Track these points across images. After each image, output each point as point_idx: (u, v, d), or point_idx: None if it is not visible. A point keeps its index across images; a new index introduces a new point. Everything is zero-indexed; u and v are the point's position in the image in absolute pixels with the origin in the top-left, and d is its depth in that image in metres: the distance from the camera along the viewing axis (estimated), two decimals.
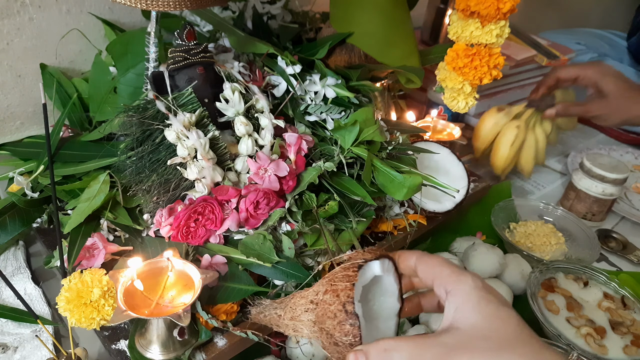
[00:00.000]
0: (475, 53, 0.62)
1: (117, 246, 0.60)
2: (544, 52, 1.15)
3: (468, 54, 0.62)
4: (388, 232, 0.70)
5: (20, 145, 0.78)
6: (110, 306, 0.44)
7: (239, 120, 0.63)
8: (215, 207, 0.58)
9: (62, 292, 0.43)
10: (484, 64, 0.62)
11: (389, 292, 0.44)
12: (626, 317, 0.67)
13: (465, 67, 0.63)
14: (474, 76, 0.63)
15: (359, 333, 0.38)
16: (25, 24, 0.75)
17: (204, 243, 0.58)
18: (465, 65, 0.63)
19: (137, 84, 0.73)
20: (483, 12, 0.59)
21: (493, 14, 0.59)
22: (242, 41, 0.75)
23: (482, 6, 0.58)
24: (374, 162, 0.64)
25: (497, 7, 0.58)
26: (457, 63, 0.63)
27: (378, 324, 0.44)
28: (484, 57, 0.62)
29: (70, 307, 0.43)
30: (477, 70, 0.62)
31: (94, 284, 0.43)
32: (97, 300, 0.43)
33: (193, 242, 0.57)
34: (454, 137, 0.92)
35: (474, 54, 0.62)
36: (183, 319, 0.47)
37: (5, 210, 0.65)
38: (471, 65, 0.62)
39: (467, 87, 0.66)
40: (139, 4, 0.55)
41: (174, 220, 0.57)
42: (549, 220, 0.89)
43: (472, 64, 0.62)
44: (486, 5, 0.58)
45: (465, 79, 0.64)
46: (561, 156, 1.20)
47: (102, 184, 0.63)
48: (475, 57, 0.62)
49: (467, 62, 0.62)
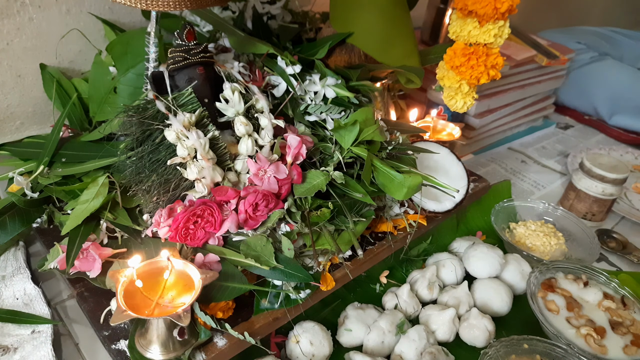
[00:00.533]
0: (473, 52, 0.62)
1: (110, 250, 0.60)
2: (544, 52, 1.15)
3: (465, 53, 0.62)
4: (388, 232, 0.70)
5: (20, 145, 0.78)
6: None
7: (238, 121, 0.63)
8: (214, 210, 0.58)
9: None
10: (480, 63, 0.62)
11: None
12: (626, 317, 0.67)
13: (462, 65, 0.63)
14: (471, 75, 0.63)
15: None
16: (25, 24, 0.75)
17: (202, 245, 0.58)
18: (462, 64, 0.63)
19: (137, 84, 0.73)
20: (480, 12, 0.59)
21: (491, 14, 0.59)
22: (242, 41, 0.75)
23: (479, 5, 0.58)
24: (374, 162, 0.64)
25: (494, 6, 0.58)
26: (454, 62, 0.63)
27: None
28: (481, 56, 0.62)
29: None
30: (473, 69, 0.62)
31: None
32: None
33: (192, 243, 0.57)
34: (453, 137, 0.92)
35: (471, 53, 0.62)
36: (183, 319, 0.47)
37: (5, 210, 0.65)
38: (468, 65, 0.62)
39: (465, 87, 0.66)
40: (139, 4, 0.55)
41: (173, 222, 0.57)
42: (549, 220, 0.89)
43: (468, 63, 0.62)
44: (483, 4, 0.58)
45: (463, 78, 0.64)
46: (561, 156, 1.20)
47: (100, 186, 0.64)
48: (472, 56, 0.62)
49: (464, 61, 0.62)
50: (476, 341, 0.65)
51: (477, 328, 0.65)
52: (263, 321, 0.57)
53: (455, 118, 1.04)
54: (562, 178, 1.11)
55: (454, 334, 0.66)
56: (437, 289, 0.72)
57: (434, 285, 0.72)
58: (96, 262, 0.58)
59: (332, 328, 0.65)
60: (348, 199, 0.64)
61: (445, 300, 0.70)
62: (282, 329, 0.62)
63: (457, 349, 0.65)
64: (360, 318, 0.65)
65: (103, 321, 0.56)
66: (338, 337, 0.65)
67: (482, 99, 1.06)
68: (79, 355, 0.62)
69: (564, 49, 1.22)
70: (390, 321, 0.64)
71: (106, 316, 0.56)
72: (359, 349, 0.64)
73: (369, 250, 0.68)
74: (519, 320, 0.71)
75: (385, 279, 0.75)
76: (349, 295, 0.72)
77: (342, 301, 0.70)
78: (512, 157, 1.18)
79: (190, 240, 0.57)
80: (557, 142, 1.27)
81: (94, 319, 0.57)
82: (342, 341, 0.64)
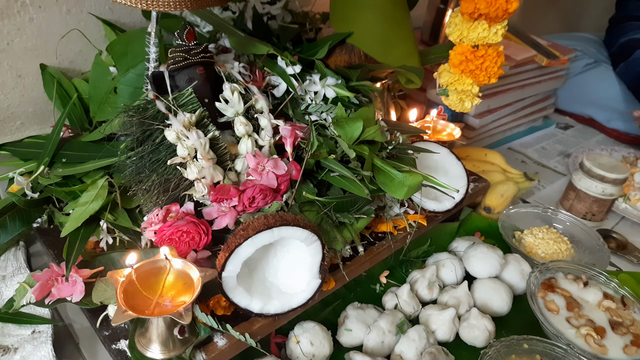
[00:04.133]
0: (484, 54, 0.63)
1: (88, 270, 0.59)
2: (543, 52, 1.16)
3: (478, 56, 0.63)
4: (388, 232, 0.70)
5: (20, 145, 0.78)
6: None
7: (238, 121, 0.63)
8: (201, 232, 0.58)
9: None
10: (493, 64, 0.63)
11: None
12: (626, 317, 0.67)
13: (477, 69, 0.64)
14: (485, 77, 0.64)
15: None
16: (26, 24, 0.75)
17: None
18: (477, 67, 0.64)
19: (137, 84, 0.73)
20: (492, 14, 0.60)
21: (501, 15, 0.60)
22: (242, 42, 0.75)
23: (492, 8, 0.59)
24: (375, 161, 0.64)
25: (505, 8, 0.59)
26: (468, 66, 0.64)
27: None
28: (494, 57, 0.63)
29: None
30: (487, 71, 0.63)
31: None
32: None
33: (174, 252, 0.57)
34: (453, 137, 0.92)
35: (484, 56, 0.63)
36: (184, 317, 0.47)
37: (6, 210, 0.65)
38: (482, 67, 0.63)
39: (476, 88, 0.67)
40: (140, 4, 0.55)
41: (159, 231, 0.57)
42: (553, 225, 0.88)
43: (483, 66, 0.63)
44: (495, 7, 0.59)
45: (475, 81, 0.65)
46: (561, 156, 1.20)
47: (100, 188, 0.64)
48: (487, 58, 0.63)
49: (479, 64, 0.63)
50: (476, 341, 0.65)
51: (477, 328, 0.65)
52: (263, 321, 0.57)
53: (455, 118, 1.04)
54: (562, 178, 1.11)
55: (454, 334, 0.66)
56: (437, 289, 0.72)
57: (434, 285, 0.72)
58: (77, 284, 0.56)
59: (332, 328, 0.65)
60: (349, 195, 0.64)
61: (445, 300, 0.70)
62: (282, 329, 0.62)
63: (457, 349, 0.65)
64: (360, 318, 0.65)
65: (100, 325, 0.56)
66: (338, 337, 0.65)
67: (482, 99, 1.05)
68: (80, 355, 0.62)
69: (564, 50, 1.22)
70: (390, 321, 0.64)
71: (105, 317, 0.56)
72: (359, 349, 0.64)
73: (369, 250, 0.68)
74: (519, 320, 0.71)
75: (385, 279, 0.75)
76: (349, 295, 0.72)
77: (342, 301, 0.70)
78: (512, 157, 1.18)
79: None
80: (557, 142, 1.27)
81: (94, 319, 0.57)
82: (342, 341, 0.65)
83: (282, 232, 0.52)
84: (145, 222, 0.60)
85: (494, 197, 0.91)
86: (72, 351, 0.62)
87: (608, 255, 0.80)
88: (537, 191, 1.05)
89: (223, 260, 0.51)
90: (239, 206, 0.58)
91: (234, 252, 0.51)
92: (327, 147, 0.64)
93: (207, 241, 0.58)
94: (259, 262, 0.59)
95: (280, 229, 0.52)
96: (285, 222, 0.52)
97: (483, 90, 1.06)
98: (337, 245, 0.62)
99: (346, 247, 0.65)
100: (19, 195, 0.65)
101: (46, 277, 0.57)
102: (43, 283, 0.57)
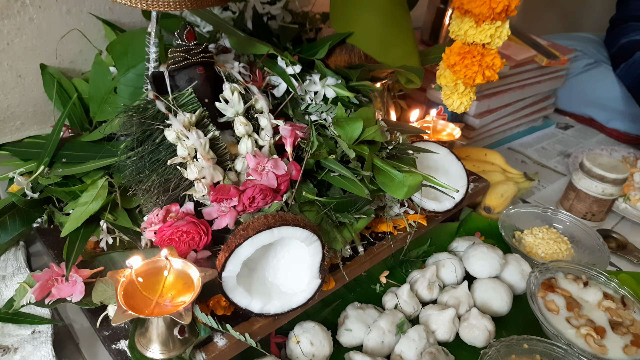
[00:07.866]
0: (467, 51, 0.62)
1: (88, 270, 0.58)
2: (543, 52, 1.16)
3: (460, 52, 0.62)
4: (388, 232, 0.70)
5: (20, 145, 0.78)
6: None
7: (238, 121, 0.63)
8: (202, 232, 0.58)
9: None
10: (474, 62, 0.61)
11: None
12: (626, 317, 0.67)
13: (456, 64, 0.62)
14: (465, 75, 0.62)
15: None
16: (26, 24, 0.75)
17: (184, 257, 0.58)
18: (456, 62, 0.62)
19: (137, 84, 0.73)
20: (475, 11, 0.59)
21: (486, 13, 0.58)
22: (242, 42, 0.75)
23: (474, 4, 0.58)
24: (375, 161, 0.64)
25: (489, 6, 0.58)
26: (449, 60, 0.63)
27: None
28: (475, 56, 0.61)
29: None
30: (467, 68, 0.62)
31: None
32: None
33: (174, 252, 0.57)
34: (453, 137, 0.92)
35: (466, 52, 0.62)
36: (185, 317, 0.47)
37: (6, 210, 0.65)
38: (462, 64, 0.62)
39: (461, 86, 0.66)
40: (140, 4, 0.55)
41: (159, 231, 0.57)
42: (553, 225, 0.88)
43: (463, 62, 0.62)
44: (478, 4, 0.58)
45: (458, 77, 0.64)
46: (561, 156, 1.20)
47: (100, 188, 0.64)
48: (467, 55, 0.61)
49: (458, 59, 0.62)
50: (476, 341, 0.65)
51: (477, 328, 0.65)
52: (263, 321, 0.57)
53: (455, 118, 1.04)
54: (562, 178, 1.11)
55: (454, 334, 0.66)
56: (437, 289, 0.72)
57: (434, 285, 0.72)
58: (77, 284, 0.56)
59: (332, 328, 0.65)
60: (349, 195, 0.64)
61: (445, 300, 0.70)
62: (282, 329, 0.62)
63: (457, 349, 0.65)
64: (360, 318, 0.65)
65: (100, 325, 0.56)
66: (338, 337, 0.65)
67: (482, 99, 1.06)
68: (80, 355, 0.62)
69: (564, 50, 1.22)
70: (390, 321, 0.64)
71: (105, 317, 0.56)
72: (359, 348, 0.64)
73: (369, 250, 0.68)
74: (519, 320, 0.71)
75: (385, 279, 0.75)
76: (349, 295, 0.72)
77: (342, 301, 0.70)
78: (512, 157, 1.18)
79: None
80: (557, 142, 1.27)
81: (94, 319, 0.57)
82: (342, 341, 0.65)
83: (282, 232, 0.52)
84: (145, 222, 0.60)
85: (494, 197, 0.91)
86: (72, 351, 0.62)
87: (608, 255, 0.80)
88: (537, 191, 1.05)
89: (223, 260, 0.51)
90: (239, 206, 0.58)
91: (234, 252, 0.51)
92: (327, 147, 0.64)
93: (207, 241, 0.58)
94: (259, 262, 0.59)
95: (280, 229, 0.52)
96: (285, 222, 0.52)
97: (483, 90, 1.07)
98: (337, 245, 0.62)
99: (346, 247, 0.65)
100: (19, 195, 0.65)
101: (46, 277, 0.57)
102: (43, 283, 0.57)
